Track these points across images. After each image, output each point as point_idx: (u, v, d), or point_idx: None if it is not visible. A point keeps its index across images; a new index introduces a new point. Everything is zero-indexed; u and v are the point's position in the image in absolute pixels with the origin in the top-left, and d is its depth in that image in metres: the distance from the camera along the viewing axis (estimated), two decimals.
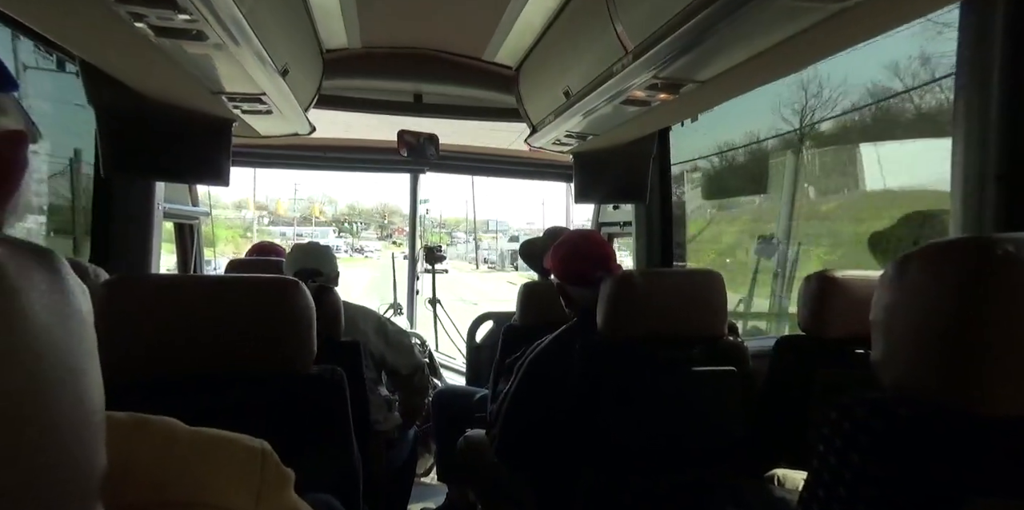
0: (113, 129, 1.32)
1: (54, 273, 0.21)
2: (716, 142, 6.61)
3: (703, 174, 6.85)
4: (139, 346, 0.78)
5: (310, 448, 0.85)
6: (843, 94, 5.74)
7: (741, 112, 6.24)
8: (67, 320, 0.21)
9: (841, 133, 5.96)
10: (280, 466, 0.37)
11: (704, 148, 6.44)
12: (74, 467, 0.21)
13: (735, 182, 6.87)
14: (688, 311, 1.14)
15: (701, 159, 6.52)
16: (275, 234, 34.22)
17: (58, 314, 0.20)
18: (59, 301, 0.21)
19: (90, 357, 0.22)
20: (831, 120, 5.98)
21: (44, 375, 0.19)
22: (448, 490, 2.03)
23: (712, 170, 6.97)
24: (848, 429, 0.46)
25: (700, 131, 6.49)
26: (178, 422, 0.35)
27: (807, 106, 6.11)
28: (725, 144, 6.71)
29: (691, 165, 6.26)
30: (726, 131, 6.67)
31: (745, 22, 0.88)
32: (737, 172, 6.84)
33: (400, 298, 3.30)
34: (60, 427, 0.20)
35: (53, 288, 0.21)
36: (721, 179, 7.02)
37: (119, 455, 0.23)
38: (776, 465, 1.26)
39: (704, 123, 1.81)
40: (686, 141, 5.50)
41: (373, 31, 1.71)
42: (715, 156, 6.73)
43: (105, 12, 0.79)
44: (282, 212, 39.69)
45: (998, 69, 0.82)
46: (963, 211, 0.85)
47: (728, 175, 6.95)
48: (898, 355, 0.47)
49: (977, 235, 0.44)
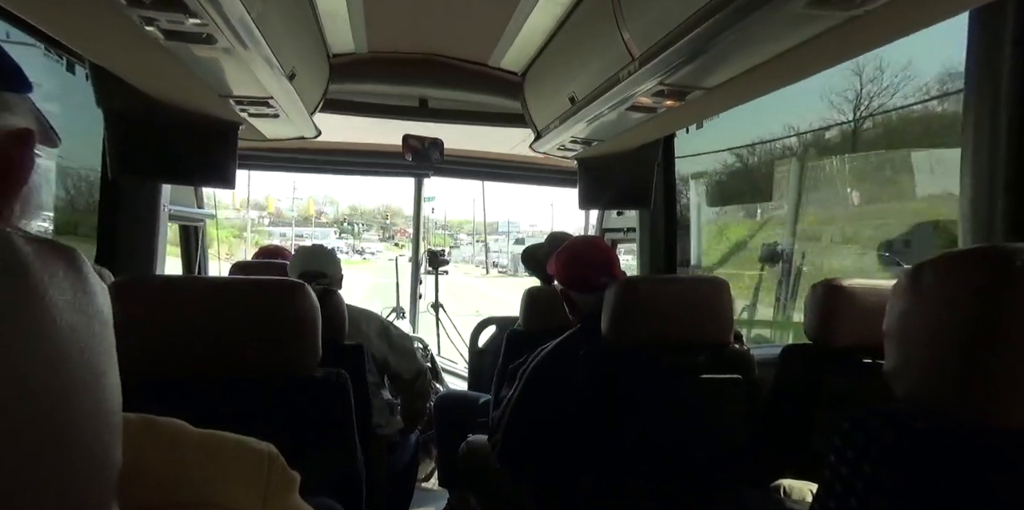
0: (121, 131, 1.33)
1: (77, 272, 0.21)
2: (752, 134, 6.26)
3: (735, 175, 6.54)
4: (144, 347, 0.78)
5: (314, 451, 0.85)
6: (907, 79, 5.23)
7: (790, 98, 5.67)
8: (90, 320, 0.21)
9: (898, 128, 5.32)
10: (286, 469, 0.36)
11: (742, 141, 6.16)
12: (95, 466, 0.21)
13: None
14: (693, 318, 1.13)
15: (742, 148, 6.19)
16: (275, 235, 33.46)
17: (82, 314, 0.20)
18: (83, 301, 0.21)
19: (110, 357, 0.22)
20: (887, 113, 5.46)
21: (69, 374, 0.19)
22: (449, 495, 2.02)
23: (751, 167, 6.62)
24: (860, 440, 0.45)
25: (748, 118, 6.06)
26: (185, 424, 0.35)
27: (862, 94, 5.62)
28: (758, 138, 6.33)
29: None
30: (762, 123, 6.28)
31: (752, 30, 0.89)
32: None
33: (403, 302, 3.29)
34: (83, 426, 0.20)
35: (77, 287, 0.20)
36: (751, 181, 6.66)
37: (128, 455, 0.23)
38: (781, 475, 1.25)
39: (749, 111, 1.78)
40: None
41: (380, 36, 1.72)
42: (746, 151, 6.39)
43: (116, 16, 0.79)
44: (272, 210, 38.76)
45: (1007, 79, 0.81)
46: (973, 220, 0.84)
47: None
48: (912, 365, 0.46)
49: (992, 244, 0.44)
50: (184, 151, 1.41)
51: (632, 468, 1.13)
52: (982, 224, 0.83)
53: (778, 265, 4.89)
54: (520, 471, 1.25)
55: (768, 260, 5.01)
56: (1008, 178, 0.81)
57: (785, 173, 5.64)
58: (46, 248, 0.20)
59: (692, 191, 5.82)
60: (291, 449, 0.42)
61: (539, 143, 1.86)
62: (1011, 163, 0.81)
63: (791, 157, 6.12)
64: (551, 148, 1.86)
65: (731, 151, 6.37)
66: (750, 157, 6.71)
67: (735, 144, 6.39)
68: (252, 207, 33.96)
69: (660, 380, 1.12)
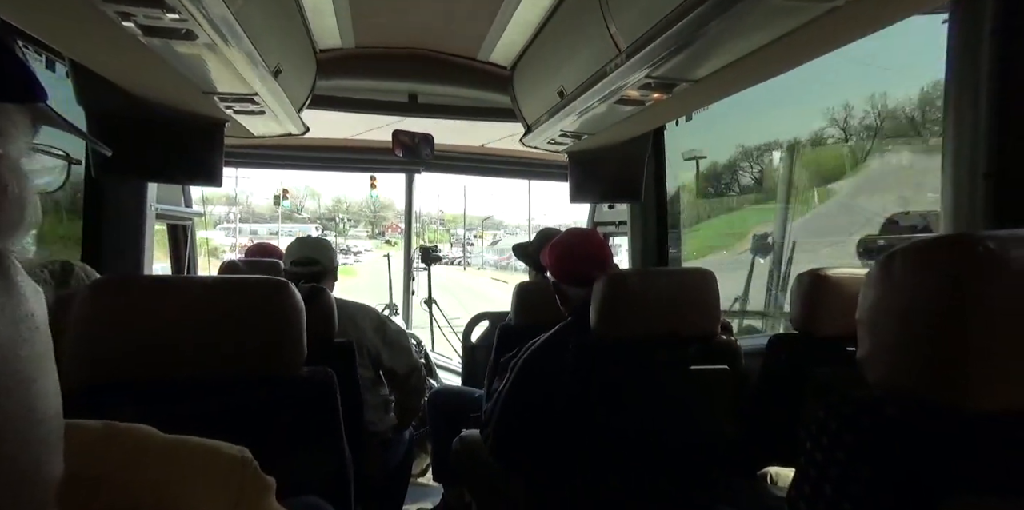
0: (103, 130, 1.31)
1: (3, 275, 0.20)
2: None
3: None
4: (126, 348, 0.78)
5: (299, 450, 0.85)
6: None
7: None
8: (15, 325, 0.20)
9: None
10: (260, 474, 0.36)
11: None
12: (24, 476, 0.20)
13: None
14: (681, 310, 1.14)
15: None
16: (244, 233, 29.17)
17: (4, 318, 0.19)
18: (6, 304, 0.20)
19: (42, 363, 0.21)
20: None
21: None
22: (444, 490, 2.03)
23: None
24: (834, 427, 0.46)
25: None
26: (153, 430, 0.34)
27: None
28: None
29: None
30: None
31: (737, 21, 0.89)
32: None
33: (396, 298, 3.29)
34: (5, 437, 0.19)
35: (0, 291, 0.20)
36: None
37: (91, 463, 0.23)
38: (769, 463, 1.26)
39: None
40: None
41: (367, 31, 1.71)
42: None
43: (92, 11, 0.78)
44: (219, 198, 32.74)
45: (987, 68, 0.82)
46: (954, 209, 0.85)
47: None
48: (883, 352, 0.47)
49: (960, 233, 0.44)
50: (169, 149, 1.39)
51: (621, 459, 1.14)
52: (963, 212, 0.83)
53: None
54: (511, 463, 1.26)
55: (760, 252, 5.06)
56: (989, 166, 0.82)
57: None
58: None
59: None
60: (276, 448, 0.42)
61: (529, 137, 1.86)
62: (991, 151, 0.82)
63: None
64: (541, 142, 1.86)
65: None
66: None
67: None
68: (223, 202, 30.89)
69: (649, 372, 1.13)
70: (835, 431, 0.46)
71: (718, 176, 8.18)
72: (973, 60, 0.83)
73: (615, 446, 1.13)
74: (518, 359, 1.25)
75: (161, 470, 0.32)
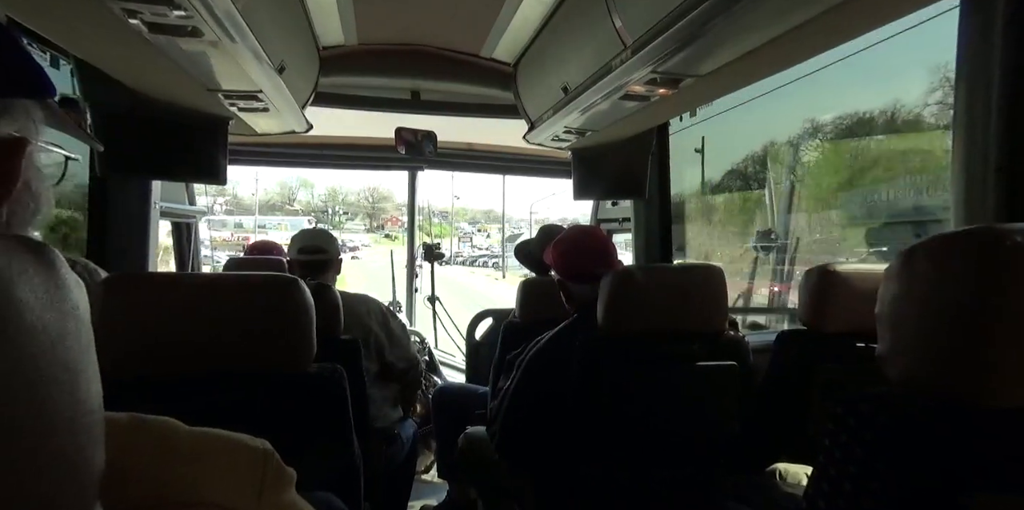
0: (108, 127, 1.31)
1: (49, 268, 0.20)
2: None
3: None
4: (137, 345, 0.78)
5: (311, 446, 0.85)
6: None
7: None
8: (63, 317, 0.20)
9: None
10: (282, 466, 0.36)
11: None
12: (71, 468, 0.20)
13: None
14: (688, 306, 1.14)
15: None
16: (228, 225, 26.67)
17: (54, 310, 0.20)
18: (55, 297, 0.20)
19: (87, 355, 0.21)
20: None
21: (39, 373, 0.19)
22: (449, 487, 2.03)
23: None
24: (853, 424, 0.46)
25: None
26: (178, 422, 0.34)
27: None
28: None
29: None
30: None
31: (744, 16, 0.88)
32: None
33: (399, 296, 3.29)
34: (56, 427, 0.19)
35: (49, 283, 0.20)
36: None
37: (117, 455, 0.23)
38: (777, 459, 1.26)
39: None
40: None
41: (370, 28, 1.71)
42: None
43: (98, 9, 0.78)
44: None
45: (998, 62, 0.81)
46: (965, 203, 0.85)
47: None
48: (904, 349, 0.46)
49: (984, 225, 0.44)
50: (173, 147, 1.39)
51: (628, 456, 1.14)
52: (974, 206, 0.83)
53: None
54: (518, 460, 1.26)
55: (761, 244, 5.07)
56: (1000, 160, 0.82)
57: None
58: (13, 244, 0.19)
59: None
60: (288, 444, 0.42)
61: (533, 134, 1.85)
62: (1002, 145, 0.81)
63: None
64: (545, 139, 1.85)
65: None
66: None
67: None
68: (208, 193, 29.36)
69: (656, 368, 1.13)
70: (854, 428, 0.45)
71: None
72: (985, 52, 0.82)
73: (622, 443, 1.13)
74: (524, 356, 1.25)
75: (186, 462, 0.32)
